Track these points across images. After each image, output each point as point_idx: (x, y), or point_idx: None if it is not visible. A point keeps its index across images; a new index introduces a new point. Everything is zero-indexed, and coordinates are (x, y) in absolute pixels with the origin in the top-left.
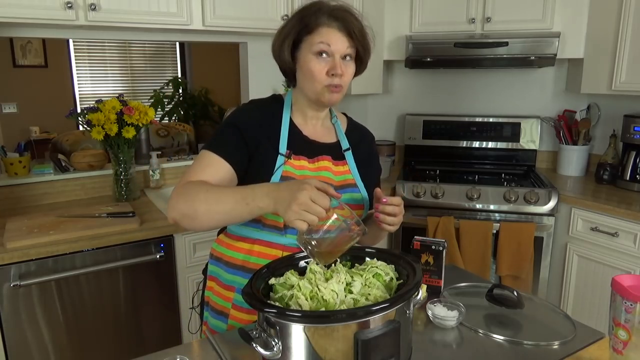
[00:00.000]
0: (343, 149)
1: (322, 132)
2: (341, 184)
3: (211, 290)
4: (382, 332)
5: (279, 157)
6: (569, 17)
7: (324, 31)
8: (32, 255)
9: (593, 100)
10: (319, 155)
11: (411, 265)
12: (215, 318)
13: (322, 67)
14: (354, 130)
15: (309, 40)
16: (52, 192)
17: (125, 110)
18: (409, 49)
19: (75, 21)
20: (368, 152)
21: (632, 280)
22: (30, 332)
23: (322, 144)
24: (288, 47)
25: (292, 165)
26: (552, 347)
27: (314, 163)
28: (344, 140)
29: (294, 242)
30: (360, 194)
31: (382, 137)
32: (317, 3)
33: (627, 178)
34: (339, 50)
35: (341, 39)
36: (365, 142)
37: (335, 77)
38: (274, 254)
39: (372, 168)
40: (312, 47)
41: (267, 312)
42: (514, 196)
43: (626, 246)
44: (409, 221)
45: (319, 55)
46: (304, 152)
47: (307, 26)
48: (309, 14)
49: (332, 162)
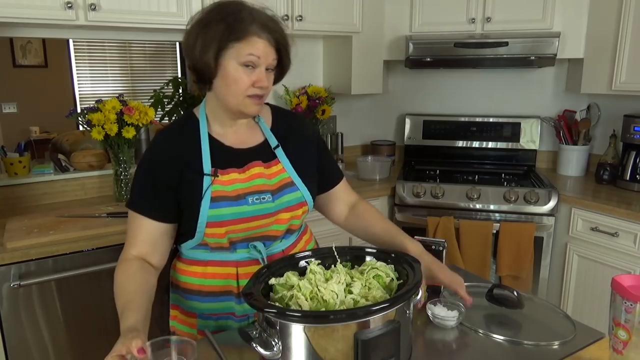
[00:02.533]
0: (272, 147)
1: (245, 136)
2: (278, 186)
3: (175, 319)
4: (382, 332)
5: (205, 178)
6: (569, 17)
7: (253, 41)
8: (32, 255)
9: (593, 100)
10: (248, 162)
11: (411, 265)
12: None
13: (248, 78)
14: (279, 121)
15: (237, 48)
16: (52, 192)
17: (125, 110)
18: (409, 49)
19: (75, 21)
20: (299, 141)
21: (632, 280)
22: (30, 332)
23: (248, 149)
24: (213, 53)
25: (221, 182)
26: (552, 347)
27: (244, 172)
28: (271, 137)
29: (245, 255)
30: (299, 191)
31: (382, 137)
32: (247, 9)
33: (627, 178)
34: (266, 63)
35: (269, 50)
36: (294, 130)
37: (262, 88)
38: (228, 271)
39: (308, 156)
40: (240, 57)
41: (267, 312)
42: (514, 196)
43: (626, 246)
44: (409, 221)
45: (245, 66)
46: (232, 164)
47: (234, 32)
48: (238, 20)
49: (264, 166)
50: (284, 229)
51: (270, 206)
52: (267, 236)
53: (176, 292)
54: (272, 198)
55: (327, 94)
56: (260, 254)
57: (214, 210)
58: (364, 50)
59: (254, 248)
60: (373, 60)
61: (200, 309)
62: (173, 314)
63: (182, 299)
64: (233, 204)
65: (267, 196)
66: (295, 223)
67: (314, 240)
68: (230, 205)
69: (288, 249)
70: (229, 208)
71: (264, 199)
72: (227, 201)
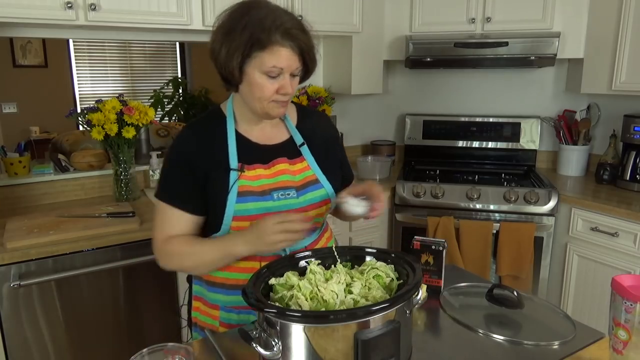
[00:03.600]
0: (297, 144)
1: (272, 133)
2: (302, 183)
3: (198, 311)
4: (382, 332)
5: (231, 173)
6: (568, 17)
7: (276, 50)
8: (32, 255)
9: (593, 100)
10: (274, 158)
11: (411, 265)
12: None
13: (271, 85)
14: (305, 120)
15: (260, 57)
16: (52, 192)
17: (125, 110)
18: (409, 49)
19: (75, 21)
20: (325, 139)
21: (632, 280)
22: (30, 332)
23: (273, 146)
24: (237, 62)
25: (247, 177)
26: (552, 347)
27: (269, 168)
28: (296, 135)
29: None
30: (324, 188)
31: (382, 137)
32: (271, 15)
33: (627, 178)
34: (289, 70)
35: (293, 58)
36: (319, 129)
37: (287, 95)
38: (252, 266)
39: (332, 154)
40: (263, 67)
41: (267, 312)
42: (514, 196)
43: (626, 246)
44: (409, 221)
45: (269, 75)
46: (258, 160)
47: (258, 42)
48: (262, 30)
49: (289, 162)
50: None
51: (294, 202)
52: None
53: (200, 284)
54: (296, 194)
55: (327, 94)
56: (283, 250)
57: (240, 204)
58: (364, 50)
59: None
60: (373, 60)
61: (224, 302)
62: (196, 305)
63: (205, 291)
64: (259, 199)
65: (291, 192)
66: (318, 220)
67: (334, 237)
68: (256, 200)
69: (311, 245)
70: (255, 203)
71: (288, 194)
72: (253, 196)
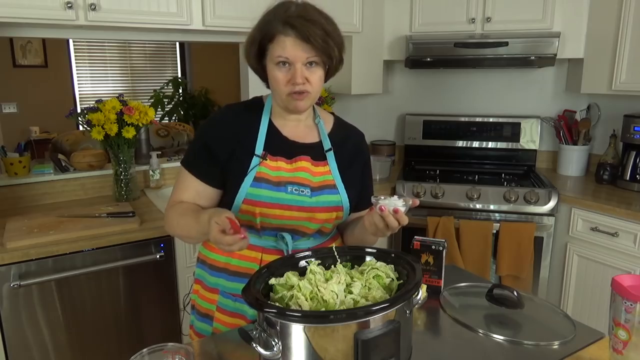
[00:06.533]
0: (325, 149)
1: (303, 132)
2: (319, 185)
3: (197, 294)
4: (382, 332)
5: (254, 158)
6: (568, 17)
7: (281, 40)
8: (32, 255)
9: (593, 100)
10: (298, 155)
11: (411, 265)
12: (200, 321)
13: (283, 76)
14: (339, 131)
15: (270, 50)
16: (52, 192)
17: (125, 110)
18: (409, 49)
19: (75, 21)
20: (353, 152)
21: (632, 280)
22: (30, 332)
23: (302, 144)
24: (254, 55)
25: (267, 166)
26: (552, 347)
27: (291, 163)
28: (326, 140)
29: (272, 244)
30: (339, 195)
31: (382, 137)
32: (275, 8)
33: (627, 178)
34: (298, 59)
35: (300, 47)
36: (351, 142)
37: (297, 85)
38: (253, 256)
39: (356, 168)
40: (273, 58)
41: (267, 312)
42: (514, 196)
43: (626, 246)
44: (409, 221)
45: (280, 66)
46: (282, 153)
47: (267, 35)
48: (267, 22)
49: (312, 163)
50: (316, 229)
51: (306, 200)
52: (297, 230)
53: (202, 268)
54: (310, 194)
55: (327, 94)
56: (286, 246)
57: (254, 189)
58: (364, 50)
59: (282, 239)
60: (373, 60)
61: (224, 287)
62: (195, 288)
63: (206, 275)
64: (272, 188)
65: (306, 190)
66: (327, 226)
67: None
68: (270, 188)
69: (314, 248)
70: (268, 191)
71: (302, 191)
72: (268, 184)
